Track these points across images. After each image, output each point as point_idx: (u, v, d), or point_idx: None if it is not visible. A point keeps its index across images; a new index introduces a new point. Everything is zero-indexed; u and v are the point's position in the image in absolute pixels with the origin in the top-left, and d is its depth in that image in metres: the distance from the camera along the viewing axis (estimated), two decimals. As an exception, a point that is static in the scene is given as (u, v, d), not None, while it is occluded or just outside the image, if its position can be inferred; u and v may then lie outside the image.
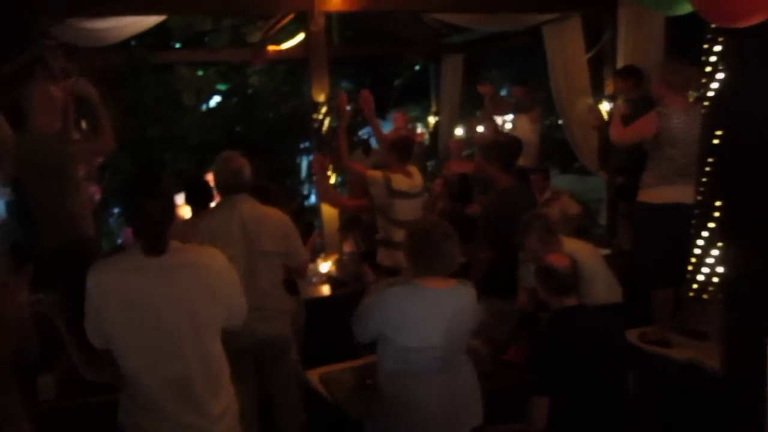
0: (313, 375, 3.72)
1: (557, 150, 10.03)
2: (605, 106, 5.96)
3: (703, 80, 1.85)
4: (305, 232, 6.16)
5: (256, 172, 3.56)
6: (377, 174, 4.40)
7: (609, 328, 2.88)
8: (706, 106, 1.87)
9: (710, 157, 1.84)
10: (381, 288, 2.69)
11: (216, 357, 2.37)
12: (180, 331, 2.28)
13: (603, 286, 3.59)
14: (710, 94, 1.83)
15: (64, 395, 3.00)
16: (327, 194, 5.28)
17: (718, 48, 1.80)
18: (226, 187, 3.41)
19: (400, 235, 4.20)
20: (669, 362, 3.80)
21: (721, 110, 1.81)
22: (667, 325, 4.04)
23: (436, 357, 2.65)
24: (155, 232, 2.27)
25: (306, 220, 7.74)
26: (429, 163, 9.08)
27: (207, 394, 2.32)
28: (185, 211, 4.86)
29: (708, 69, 1.83)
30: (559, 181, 11.41)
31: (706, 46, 1.82)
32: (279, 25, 7.23)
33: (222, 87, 9.97)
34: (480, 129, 7.28)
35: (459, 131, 8.62)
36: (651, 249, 4.00)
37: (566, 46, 6.36)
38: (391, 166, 4.48)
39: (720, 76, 1.79)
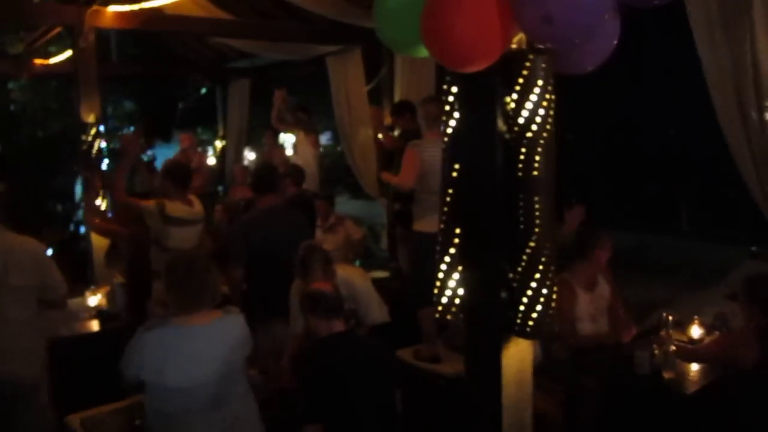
0: (75, 419, 3.41)
1: (348, 175, 10.40)
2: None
3: (443, 118, 2.02)
4: (81, 260, 5.70)
5: (21, 196, 3.27)
6: (150, 203, 4.27)
7: (376, 350, 3.00)
8: (445, 142, 2.04)
9: (450, 188, 2.01)
10: (140, 332, 2.54)
11: None
12: None
13: (376, 307, 3.78)
14: (448, 131, 2.01)
15: None
16: (91, 218, 5.03)
17: (454, 89, 1.98)
18: None
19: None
20: (437, 377, 4.06)
21: (457, 146, 2.00)
22: (436, 341, 4.32)
23: (208, 394, 2.54)
24: None
25: (80, 248, 7.15)
26: (218, 188, 8.90)
27: None
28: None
29: (447, 108, 2.00)
30: (350, 206, 11.83)
31: (444, 87, 2.00)
32: (44, 38, 6.65)
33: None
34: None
35: (248, 156, 8.58)
36: (421, 272, 4.28)
37: (348, 77, 6.62)
38: (169, 194, 4.35)
39: (456, 115, 1.98)
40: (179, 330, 2.53)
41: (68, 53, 6.75)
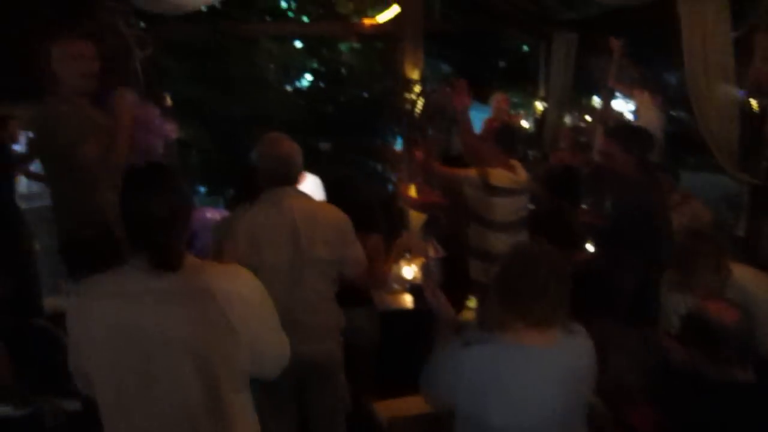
0: (383, 409, 3.10)
1: (670, 144, 9.05)
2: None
3: None
4: (392, 227, 5.49)
5: (342, 156, 3.00)
6: (470, 171, 3.74)
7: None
8: None
9: None
10: (455, 347, 1.97)
11: (236, 416, 1.73)
12: (185, 383, 1.65)
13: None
14: None
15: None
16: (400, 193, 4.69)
17: None
18: (273, 178, 2.78)
19: (499, 243, 3.55)
20: None
21: None
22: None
23: None
24: (160, 238, 1.64)
25: (395, 209, 7.02)
26: (530, 153, 8.25)
27: None
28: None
29: None
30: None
31: None
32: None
33: (312, 65, 9.44)
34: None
35: (570, 120, 7.75)
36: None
37: (707, 19, 5.30)
38: (491, 160, 3.79)
39: None
40: (512, 349, 1.90)
41: (395, 10, 6.61)
